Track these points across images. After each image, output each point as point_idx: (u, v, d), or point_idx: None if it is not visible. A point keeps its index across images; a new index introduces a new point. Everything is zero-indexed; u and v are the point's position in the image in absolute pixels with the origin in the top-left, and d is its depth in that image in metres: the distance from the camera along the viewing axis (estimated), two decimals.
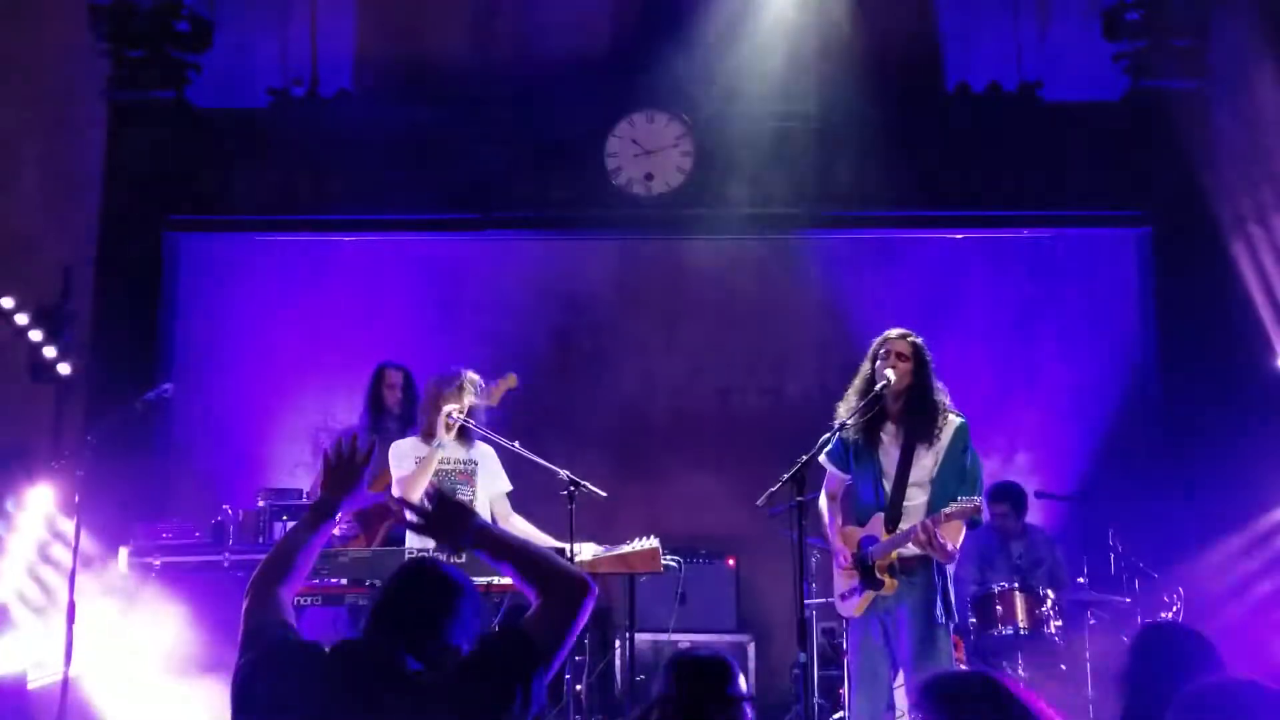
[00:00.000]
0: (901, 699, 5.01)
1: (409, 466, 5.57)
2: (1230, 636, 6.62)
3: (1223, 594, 6.73)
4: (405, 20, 7.66)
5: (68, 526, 6.22)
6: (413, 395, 6.30)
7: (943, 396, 4.92)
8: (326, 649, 2.65)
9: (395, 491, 5.62)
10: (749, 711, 3.26)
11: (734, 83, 7.37)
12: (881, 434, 4.90)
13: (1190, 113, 7.26)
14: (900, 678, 4.97)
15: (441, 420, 5.51)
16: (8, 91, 7.49)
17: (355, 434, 3.03)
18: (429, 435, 5.63)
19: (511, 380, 5.76)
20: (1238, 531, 6.82)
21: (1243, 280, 7.13)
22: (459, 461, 5.66)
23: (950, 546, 4.67)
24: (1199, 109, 7.29)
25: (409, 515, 2.89)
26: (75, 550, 5.40)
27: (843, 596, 4.99)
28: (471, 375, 5.68)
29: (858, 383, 4.98)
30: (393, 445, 5.65)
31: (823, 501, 5.07)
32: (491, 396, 5.70)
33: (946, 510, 4.66)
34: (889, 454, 4.89)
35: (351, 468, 2.97)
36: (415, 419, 5.86)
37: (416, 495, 5.55)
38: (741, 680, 3.28)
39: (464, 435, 5.64)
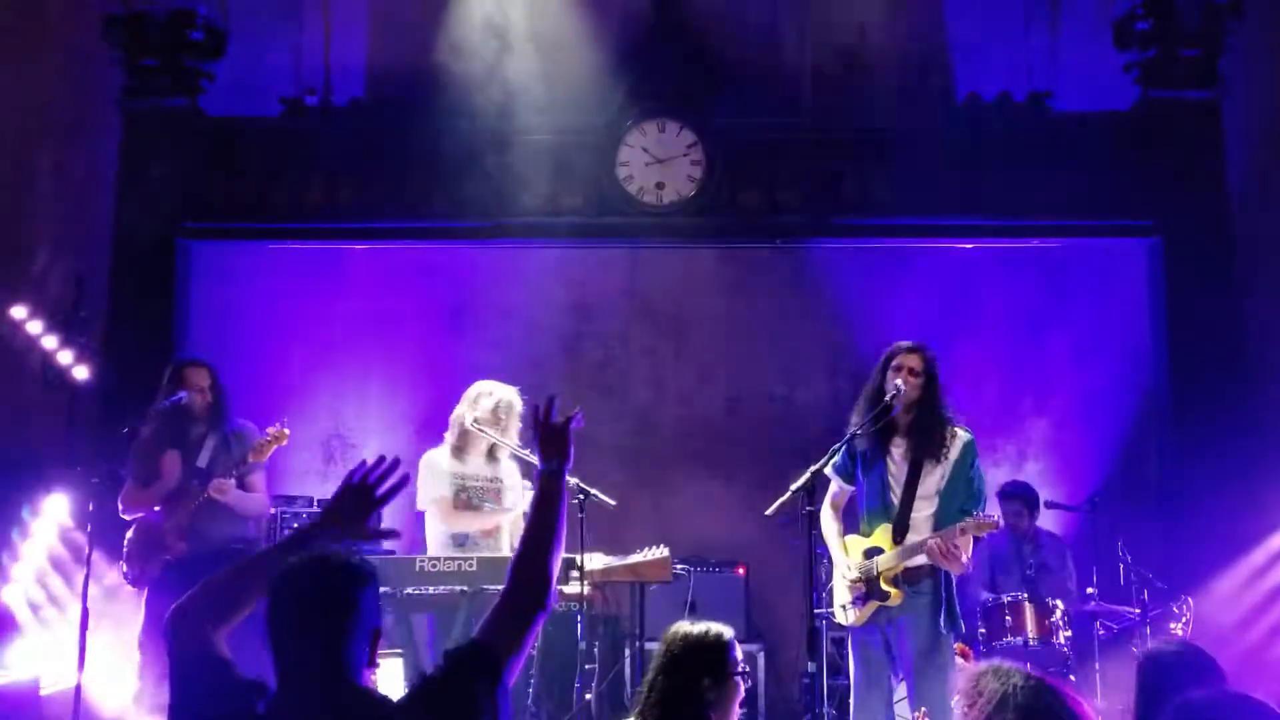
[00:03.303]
0: (904, 710, 5.02)
1: (444, 486, 5.57)
2: (1240, 647, 6.62)
3: (1232, 606, 6.71)
4: (418, 28, 7.69)
5: (80, 533, 6.27)
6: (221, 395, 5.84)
7: (950, 413, 4.93)
8: (268, 685, 2.46)
9: (433, 511, 5.60)
10: (742, 684, 3.30)
11: (745, 91, 7.39)
12: (891, 446, 4.92)
13: (1201, 122, 7.26)
14: (902, 689, 4.97)
15: (476, 436, 5.54)
16: (22, 99, 7.53)
17: (396, 460, 2.73)
18: (459, 450, 5.65)
19: (282, 435, 5.65)
20: (1247, 543, 6.80)
21: (1254, 290, 7.12)
22: (486, 479, 5.70)
23: (965, 557, 4.70)
24: (1210, 119, 7.27)
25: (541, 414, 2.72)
26: (89, 557, 5.43)
27: (844, 607, 5.00)
28: (494, 392, 5.68)
29: (868, 393, 4.99)
30: (425, 457, 5.68)
31: (825, 511, 5.07)
32: (260, 452, 5.60)
33: (962, 525, 4.69)
34: (898, 466, 4.90)
35: (368, 501, 2.70)
36: (223, 421, 5.74)
37: (461, 526, 5.55)
38: (737, 651, 3.33)
39: (490, 452, 5.68)
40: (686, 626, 3.39)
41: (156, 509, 5.62)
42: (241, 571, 2.66)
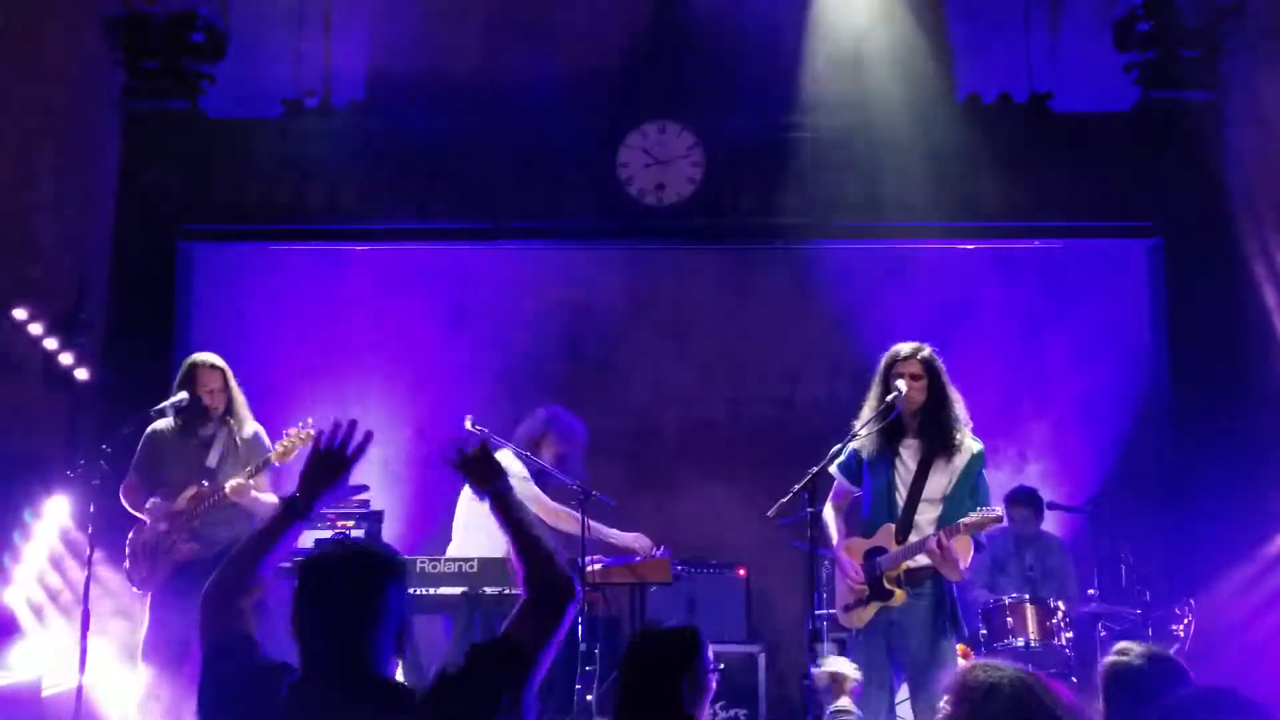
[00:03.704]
0: (906, 711, 5.02)
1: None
2: (1242, 647, 6.62)
3: (1234, 605, 6.71)
4: (418, 30, 7.70)
5: (82, 535, 6.27)
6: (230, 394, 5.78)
7: (960, 410, 4.91)
8: (295, 667, 2.53)
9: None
10: (713, 681, 3.31)
11: (745, 93, 7.40)
12: (900, 448, 4.90)
13: (1201, 123, 7.25)
14: (904, 691, 4.97)
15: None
16: (23, 101, 7.54)
17: (353, 422, 2.86)
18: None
19: (308, 435, 5.50)
20: (1249, 543, 6.80)
21: (1255, 291, 7.12)
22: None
23: (962, 564, 4.68)
24: (1210, 119, 7.27)
25: (451, 454, 2.82)
26: (89, 559, 5.43)
27: (847, 608, 5.00)
28: None
29: (872, 397, 4.98)
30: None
31: (827, 512, 5.06)
32: (285, 454, 5.53)
33: (965, 520, 4.67)
34: (906, 467, 4.89)
35: (339, 461, 2.81)
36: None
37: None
38: (710, 652, 3.33)
39: None
40: (658, 626, 3.40)
41: (152, 505, 5.58)
42: (249, 547, 2.75)
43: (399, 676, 5.26)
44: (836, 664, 4.63)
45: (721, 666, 3.40)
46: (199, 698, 2.57)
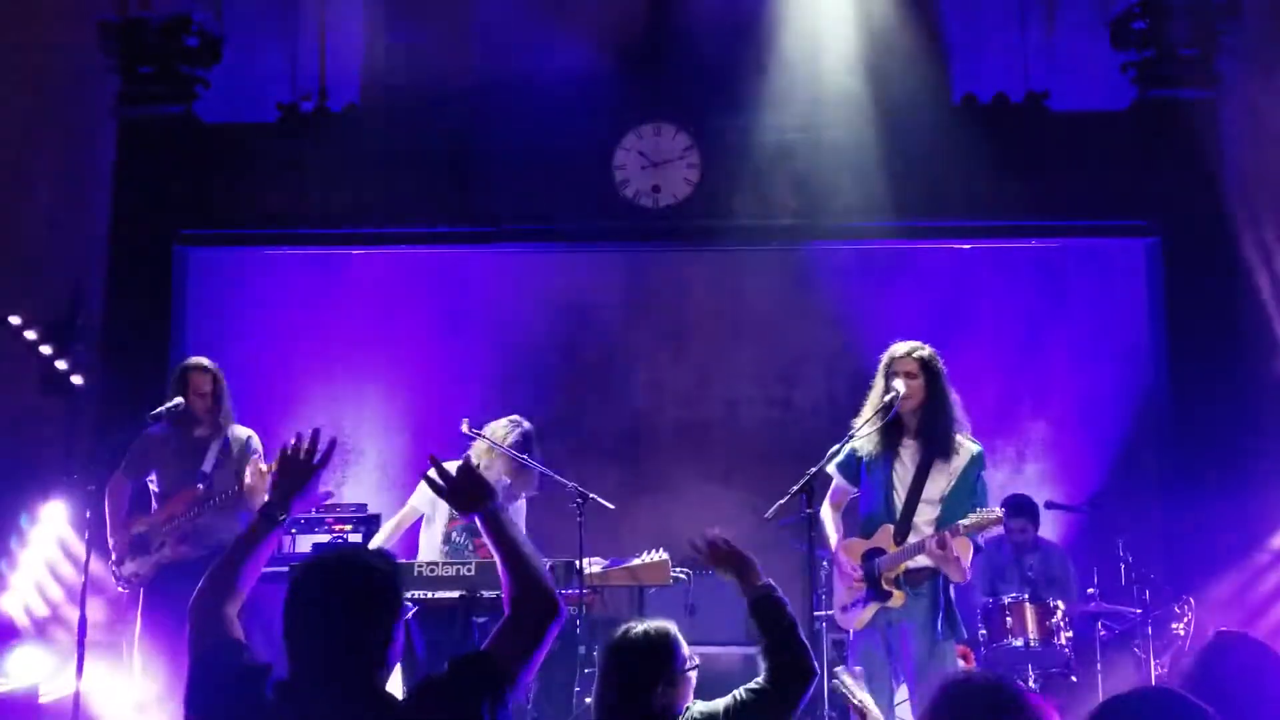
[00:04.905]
0: (906, 712, 5.00)
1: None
2: None
3: (1234, 606, 6.70)
4: (413, 34, 7.69)
5: (78, 541, 6.25)
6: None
7: (958, 410, 4.90)
8: (281, 670, 2.53)
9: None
10: (691, 680, 3.29)
11: (741, 94, 7.39)
12: (900, 448, 4.89)
13: (1198, 122, 7.24)
14: (903, 692, 4.95)
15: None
16: (18, 107, 7.52)
17: (316, 430, 2.89)
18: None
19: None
20: (1248, 542, 6.79)
21: (1253, 289, 7.11)
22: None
23: (964, 563, 4.67)
24: (1207, 118, 7.26)
25: (434, 477, 2.82)
26: (86, 565, 5.40)
27: (844, 609, 4.98)
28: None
29: (872, 398, 4.97)
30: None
31: (825, 512, 5.04)
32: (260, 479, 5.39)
33: (964, 521, 4.66)
34: (905, 468, 4.88)
35: (306, 468, 2.85)
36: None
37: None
38: (684, 649, 3.30)
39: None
40: (631, 631, 3.35)
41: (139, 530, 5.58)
42: (231, 555, 2.79)
43: (398, 681, 5.28)
44: (866, 699, 4.39)
45: (699, 664, 3.38)
46: (186, 702, 2.59)
